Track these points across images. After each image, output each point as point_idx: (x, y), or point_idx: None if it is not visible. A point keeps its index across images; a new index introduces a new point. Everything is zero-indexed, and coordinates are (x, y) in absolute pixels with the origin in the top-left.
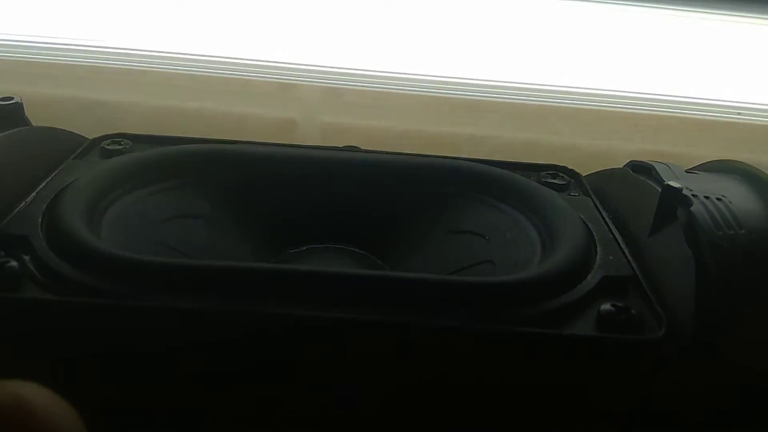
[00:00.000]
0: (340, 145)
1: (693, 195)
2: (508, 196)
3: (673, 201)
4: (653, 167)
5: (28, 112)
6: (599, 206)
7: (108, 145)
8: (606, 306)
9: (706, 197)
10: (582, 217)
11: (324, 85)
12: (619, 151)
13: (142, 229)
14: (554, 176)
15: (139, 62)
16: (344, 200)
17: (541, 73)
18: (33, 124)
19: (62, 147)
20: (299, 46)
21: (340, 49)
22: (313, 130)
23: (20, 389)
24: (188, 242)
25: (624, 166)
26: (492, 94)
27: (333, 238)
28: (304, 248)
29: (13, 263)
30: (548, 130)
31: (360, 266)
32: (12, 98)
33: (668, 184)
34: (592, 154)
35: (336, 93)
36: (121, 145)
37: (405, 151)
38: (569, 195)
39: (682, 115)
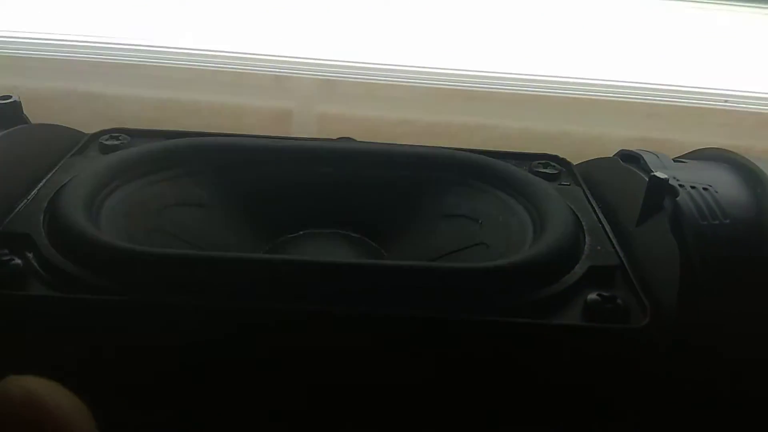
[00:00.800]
0: (335, 137)
1: (680, 185)
2: (501, 183)
3: (659, 191)
4: (641, 156)
5: (25, 107)
6: (589, 196)
7: (106, 140)
8: (592, 295)
9: (693, 187)
10: (572, 206)
11: (319, 76)
12: (610, 138)
13: (141, 218)
14: (546, 166)
15: (136, 56)
16: (340, 187)
17: (533, 62)
18: (31, 119)
19: (61, 144)
20: (294, 39)
21: (335, 40)
22: (309, 121)
23: (31, 385)
24: (187, 229)
25: (614, 155)
26: (485, 84)
27: (329, 223)
28: (301, 233)
29: (17, 261)
30: (541, 118)
31: (353, 250)
32: (10, 96)
33: (655, 175)
34: (585, 141)
35: (331, 84)
36: (119, 140)
37: (400, 141)
38: (560, 184)
39: (672, 102)
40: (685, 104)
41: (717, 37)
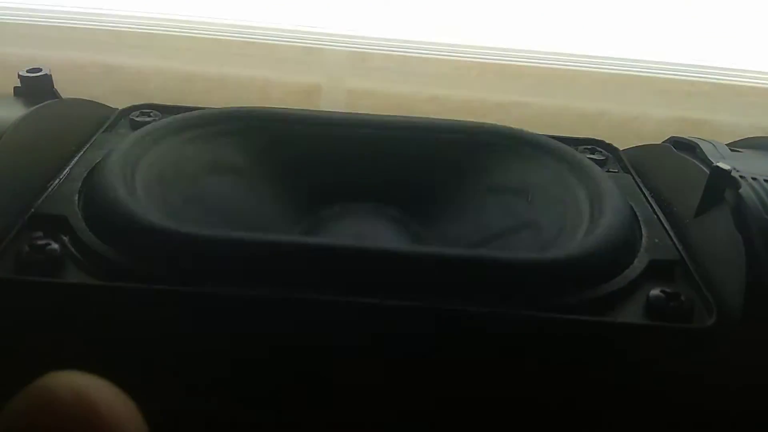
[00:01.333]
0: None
1: (741, 176)
2: (553, 155)
3: (721, 183)
4: (698, 145)
5: None
6: (641, 185)
7: (137, 116)
8: (655, 291)
9: (754, 178)
10: (625, 196)
11: (349, 49)
12: (649, 117)
13: (176, 185)
14: (592, 151)
15: (162, 27)
16: (378, 158)
17: (570, 38)
18: (59, 92)
19: (91, 120)
20: (325, 10)
21: (367, 13)
22: (338, 96)
23: (80, 382)
24: (223, 200)
25: (664, 142)
26: (521, 59)
27: (366, 195)
28: (338, 207)
29: (54, 246)
30: (578, 96)
31: (394, 230)
32: (40, 69)
33: (717, 166)
34: (623, 120)
35: (361, 58)
36: (151, 116)
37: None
38: (608, 171)
39: (715, 81)
40: (727, 82)
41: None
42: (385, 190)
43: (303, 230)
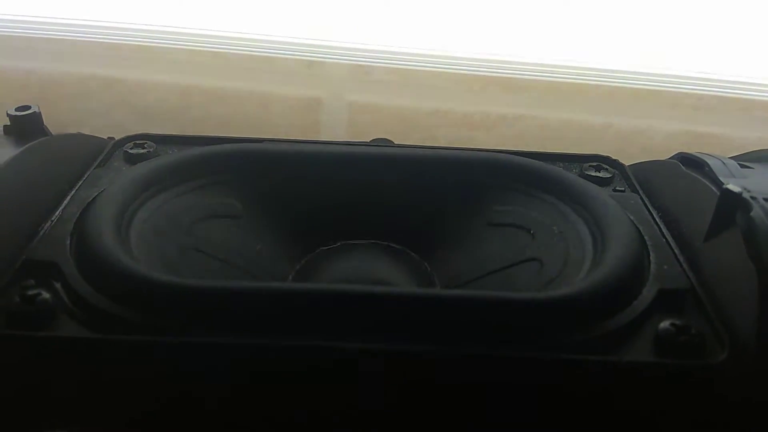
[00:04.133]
0: (368, 135)
1: (752, 197)
2: (553, 188)
3: (731, 205)
4: (706, 163)
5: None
6: (649, 205)
7: (131, 148)
8: (665, 324)
9: (766, 199)
10: (631, 217)
11: (351, 62)
12: (656, 130)
13: (172, 235)
14: (598, 168)
15: (159, 39)
16: (377, 194)
17: (574, 50)
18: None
19: (84, 155)
20: (326, 22)
21: (368, 25)
22: (340, 109)
23: None
24: (221, 245)
25: (671, 158)
26: (525, 72)
27: (367, 233)
28: (339, 244)
29: (46, 295)
30: (583, 109)
31: (395, 266)
32: (29, 107)
33: (727, 188)
34: (629, 133)
35: (363, 71)
36: (145, 148)
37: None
38: (615, 190)
39: (722, 94)
40: (735, 96)
41: None
42: (385, 225)
43: (303, 269)
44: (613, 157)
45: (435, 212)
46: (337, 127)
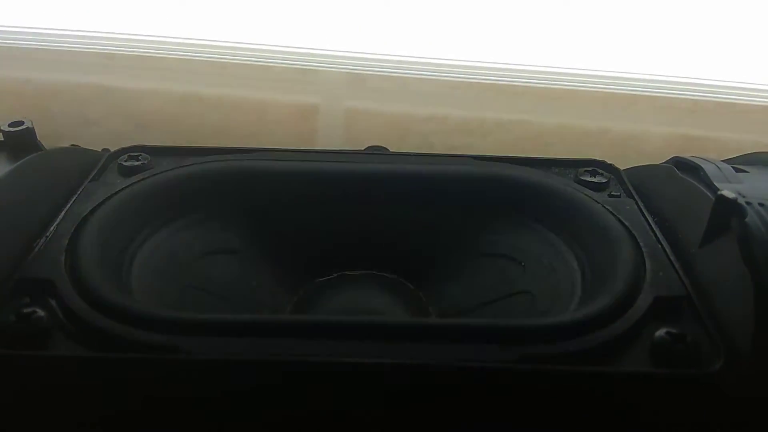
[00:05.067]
0: (364, 145)
1: (747, 202)
2: (544, 215)
3: (726, 211)
4: (701, 167)
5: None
6: (644, 210)
7: (125, 161)
8: (660, 333)
9: (761, 204)
10: (627, 224)
11: (347, 69)
12: (652, 135)
13: (172, 272)
14: (593, 174)
15: (155, 48)
16: (372, 221)
17: (571, 56)
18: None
19: (78, 168)
20: (322, 30)
21: (364, 33)
22: (337, 117)
23: None
24: (219, 281)
25: (666, 162)
26: (521, 78)
27: (363, 262)
28: (335, 275)
29: (40, 313)
30: (579, 114)
31: (391, 297)
32: (22, 122)
33: (722, 194)
34: (625, 138)
35: (360, 78)
36: (139, 160)
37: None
38: (610, 196)
39: (717, 98)
40: (730, 100)
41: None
42: (380, 253)
43: (300, 300)
44: (608, 162)
45: (430, 241)
46: (333, 134)
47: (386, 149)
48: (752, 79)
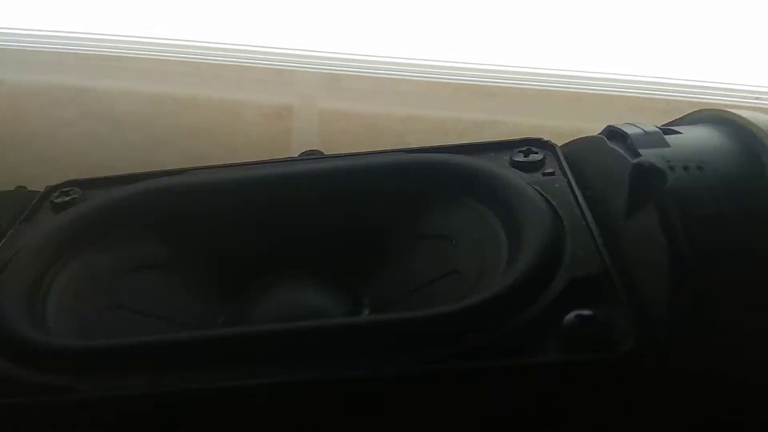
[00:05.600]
0: (305, 150)
1: (670, 166)
2: (475, 190)
3: (645, 178)
4: (627, 134)
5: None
6: (574, 186)
7: (56, 198)
8: (570, 317)
9: (685, 168)
10: (554, 204)
11: (321, 70)
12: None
13: (94, 296)
14: (526, 153)
15: (129, 48)
16: (303, 220)
17: (545, 57)
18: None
19: (9, 210)
20: (296, 31)
21: (339, 33)
22: (311, 117)
23: None
24: (146, 299)
25: (600, 132)
26: (495, 79)
27: (299, 260)
28: (269, 279)
29: None
30: (554, 115)
31: (325, 296)
32: None
33: (639, 162)
34: None
35: (335, 79)
36: (70, 195)
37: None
38: (544, 174)
39: (692, 99)
40: (704, 100)
41: (747, 31)
42: (315, 250)
43: (234, 309)
44: (545, 139)
45: (365, 229)
46: (308, 134)
47: (321, 153)
48: (726, 79)
